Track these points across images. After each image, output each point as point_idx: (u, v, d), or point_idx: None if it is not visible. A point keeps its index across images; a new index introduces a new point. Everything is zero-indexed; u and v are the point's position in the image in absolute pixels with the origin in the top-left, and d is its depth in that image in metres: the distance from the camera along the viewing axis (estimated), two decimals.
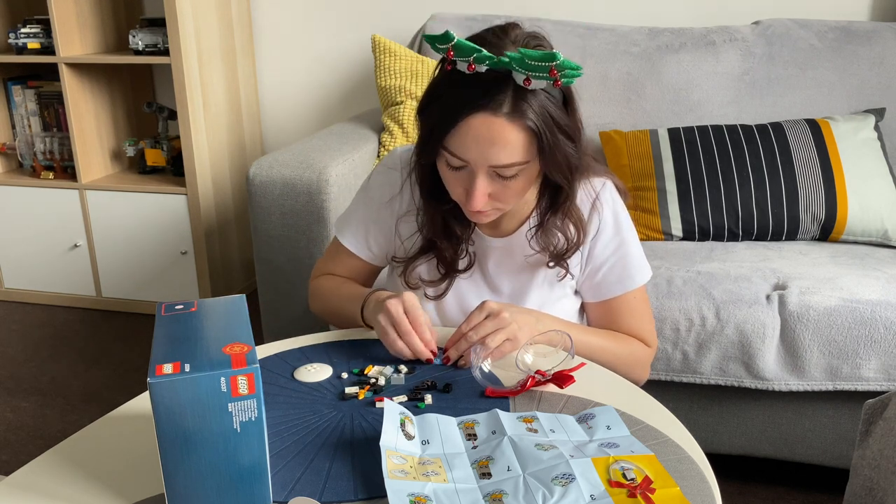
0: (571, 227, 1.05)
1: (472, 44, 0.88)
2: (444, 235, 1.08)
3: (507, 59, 0.87)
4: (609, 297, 1.11)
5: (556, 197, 1.03)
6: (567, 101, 0.94)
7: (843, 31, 1.95)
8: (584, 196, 1.08)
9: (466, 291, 1.12)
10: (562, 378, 0.87)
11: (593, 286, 1.11)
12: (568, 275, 1.09)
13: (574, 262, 1.10)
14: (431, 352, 0.96)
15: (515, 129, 0.90)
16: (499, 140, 0.90)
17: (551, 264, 1.07)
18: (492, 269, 1.11)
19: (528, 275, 1.10)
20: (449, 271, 1.10)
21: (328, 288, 1.18)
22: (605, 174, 1.11)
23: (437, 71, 0.97)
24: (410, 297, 0.97)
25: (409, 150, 1.12)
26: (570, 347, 0.93)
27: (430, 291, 1.11)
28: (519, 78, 0.88)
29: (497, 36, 0.93)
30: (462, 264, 1.10)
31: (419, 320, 0.96)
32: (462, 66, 0.90)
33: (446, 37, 0.88)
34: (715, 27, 2.03)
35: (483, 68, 0.89)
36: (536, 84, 0.88)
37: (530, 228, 1.07)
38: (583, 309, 1.16)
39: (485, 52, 0.88)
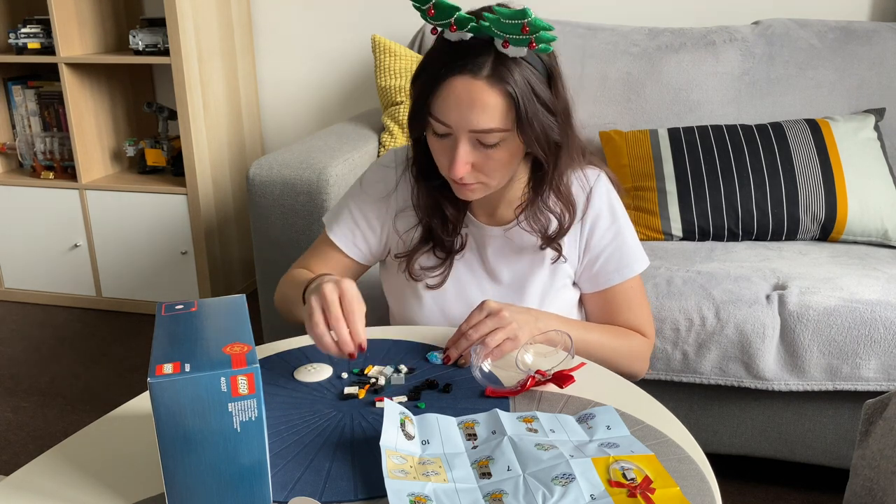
0: (561, 209, 1.06)
1: (451, 3, 0.90)
2: (438, 215, 1.09)
3: (486, 23, 0.89)
4: (607, 286, 1.11)
5: (542, 174, 1.04)
6: (552, 78, 0.96)
7: (843, 31, 1.95)
8: (578, 186, 1.09)
9: (467, 282, 1.12)
10: (562, 378, 0.87)
11: (591, 276, 1.12)
12: (562, 258, 1.09)
13: (571, 252, 1.10)
14: (359, 346, 0.87)
15: (495, 93, 0.92)
16: (478, 102, 0.92)
17: (543, 246, 1.08)
18: (491, 258, 1.12)
19: (528, 264, 1.11)
20: (447, 254, 1.10)
21: (290, 277, 1.13)
22: (599, 166, 1.12)
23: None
24: (349, 283, 0.89)
25: (405, 149, 1.13)
26: (570, 347, 0.93)
27: (431, 279, 1.11)
28: (498, 43, 0.91)
29: (482, 8, 0.96)
30: (456, 244, 1.11)
31: (353, 307, 0.87)
32: (448, 35, 0.93)
33: None
34: (715, 27, 2.03)
35: (467, 35, 0.92)
36: (515, 50, 0.90)
37: (519, 205, 1.08)
38: (581, 302, 1.17)
39: (464, 12, 0.90)
